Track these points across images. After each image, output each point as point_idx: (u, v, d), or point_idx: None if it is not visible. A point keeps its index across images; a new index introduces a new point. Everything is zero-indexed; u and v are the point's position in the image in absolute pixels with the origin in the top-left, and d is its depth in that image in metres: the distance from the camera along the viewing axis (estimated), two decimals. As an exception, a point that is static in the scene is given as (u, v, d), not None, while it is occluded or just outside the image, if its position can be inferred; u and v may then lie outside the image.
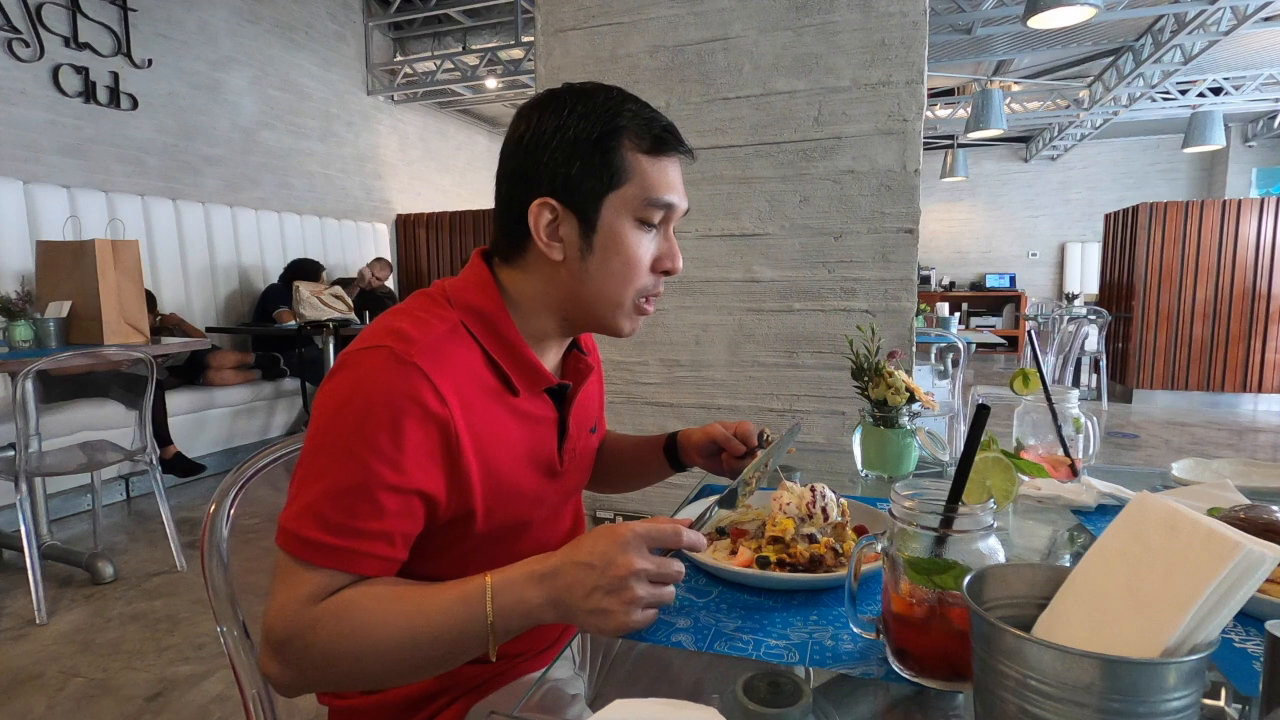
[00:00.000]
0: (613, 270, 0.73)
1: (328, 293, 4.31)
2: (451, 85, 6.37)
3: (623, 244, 0.73)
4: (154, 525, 2.99)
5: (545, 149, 0.71)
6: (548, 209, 0.72)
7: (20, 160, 3.68)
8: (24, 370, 2.23)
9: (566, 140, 0.71)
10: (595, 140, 0.71)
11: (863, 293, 1.97)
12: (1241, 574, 0.40)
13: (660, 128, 0.73)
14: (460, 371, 0.69)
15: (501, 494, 0.73)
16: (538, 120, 0.72)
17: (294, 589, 0.63)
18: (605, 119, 0.71)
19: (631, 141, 0.71)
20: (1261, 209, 5.65)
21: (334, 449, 0.64)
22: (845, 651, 0.62)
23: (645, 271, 0.75)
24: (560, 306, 0.76)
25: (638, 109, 0.73)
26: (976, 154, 10.15)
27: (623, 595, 0.58)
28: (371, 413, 0.64)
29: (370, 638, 0.62)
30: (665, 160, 0.74)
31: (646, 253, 0.74)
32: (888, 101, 1.90)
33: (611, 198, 0.72)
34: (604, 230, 0.72)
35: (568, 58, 2.20)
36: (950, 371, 4.15)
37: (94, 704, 1.84)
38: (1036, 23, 3.55)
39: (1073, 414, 1.02)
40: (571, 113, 0.71)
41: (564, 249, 0.73)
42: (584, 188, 0.71)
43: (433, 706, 0.79)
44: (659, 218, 0.74)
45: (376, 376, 0.65)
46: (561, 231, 0.72)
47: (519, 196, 0.73)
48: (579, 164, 0.71)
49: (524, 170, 0.73)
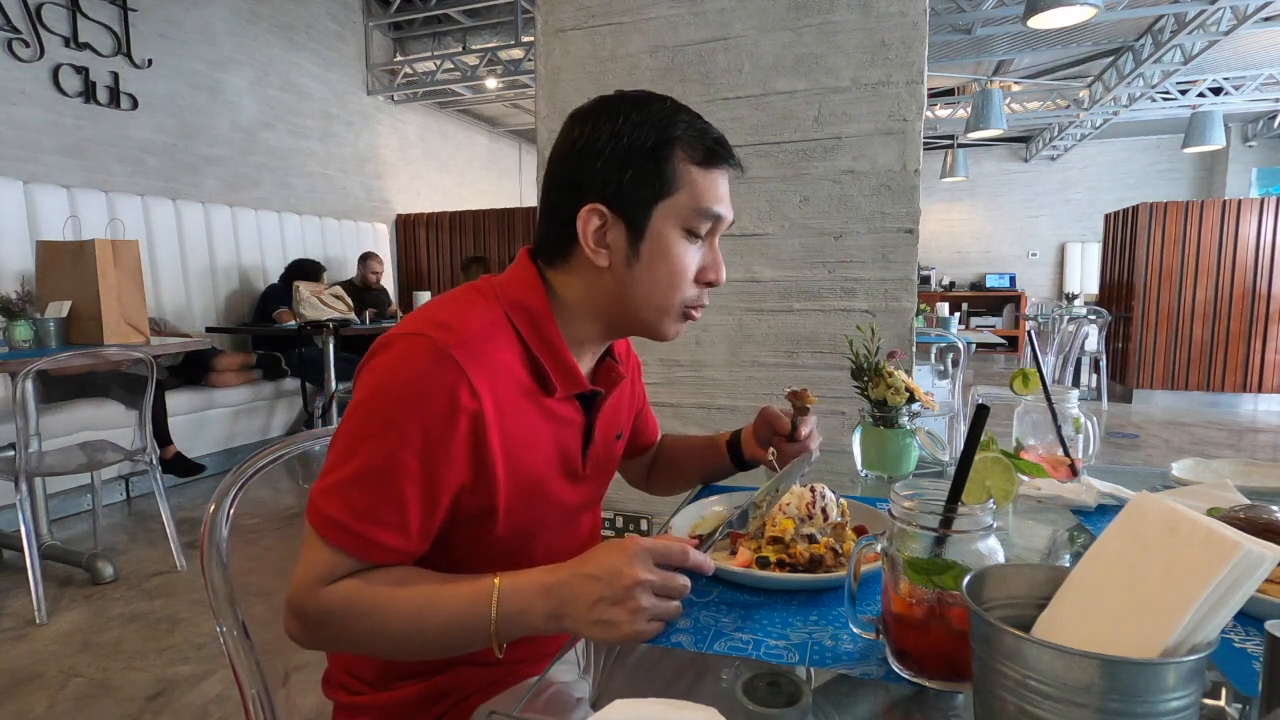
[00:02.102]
0: (658, 278, 0.74)
1: (328, 293, 4.30)
2: (451, 85, 6.37)
3: (669, 253, 0.73)
4: (154, 525, 2.99)
5: (599, 156, 0.72)
6: (597, 215, 0.72)
7: (20, 160, 3.68)
8: (24, 370, 2.23)
9: (620, 148, 0.71)
10: (649, 149, 0.71)
11: (863, 293, 1.97)
12: (1241, 574, 0.40)
13: (712, 139, 0.74)
14: (497, 367, 0.70)
15: (524, 493, 0.74)
16: (592, 127, 0.73)
17: (310, 564, 0.66)
18: (660, 128, 0.72)
19: (684, 152, 0.72)
20: (1261, 209, 5.64)
21: (366, 433, 0.66)
22: (845, 651, 0.62)
23: (690, 281, 0.75)
24: (604, 311, 0.77)
25: (690, 120, 0.74)
26: (976, 154, 10.15)
27: (627, 605, 0.59)
28: (404, 402, 0.65)
29: (379, 623, 0.64)
30: (715, 172, 0.74)
31: (692, 262, 0.75)
32: (888, 101, 1.90)
33: (661, 206, 0.72)
34: (652, 238, 0.73)
35: (568, 58, 2.20)
36: (950, 371, 4.15)
37: (94, 704, 1.84)
38: (1036, 23, 3.55)
39: (1072, 414, 1.02)
40: (626, 120, 0.72)
41: (610, 255, 0.73)
42: (635, 195, 0.72)
43: (439, 708, 0.80)
44: (706, 228, 0.75)
45: (414, 365, 0.66)
46: (609, 238, 0.73)
47: (568, 201, 0.73)
48: (631, 172, 0.71)
49: (575, 176, 0.73)
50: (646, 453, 1.07)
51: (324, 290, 4.26)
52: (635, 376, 0.98)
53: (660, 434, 1.10)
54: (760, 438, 0.97)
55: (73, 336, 2.74)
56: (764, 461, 0.96)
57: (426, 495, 0.66)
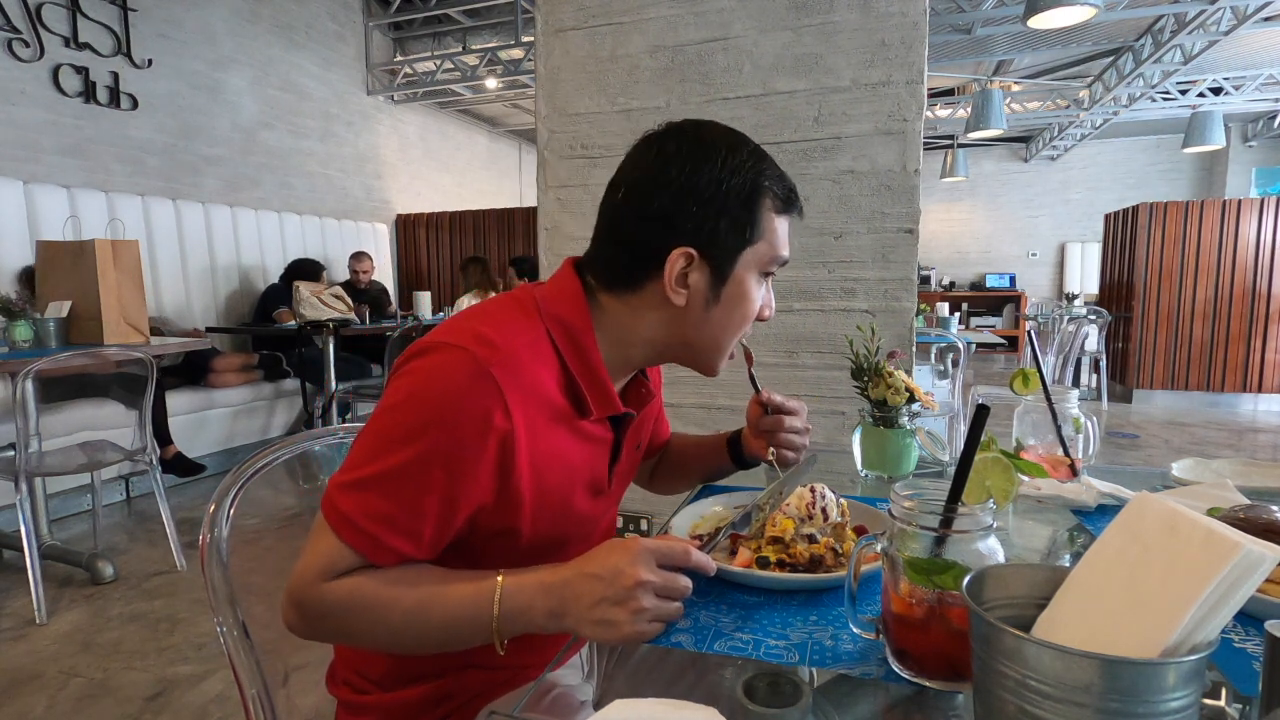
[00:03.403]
0: (732, 321, 0.76)
1: (328, 293, 4.30)
2: (451, 85, 6.38)
3: (746, 298, 0.75)
4: (154, 525, 2.99)
5: (696, 199, 0.71)
6: (685, 257, 0.72)
7: (20, 160, 3.68)
8: (24, 370, 2.23)
9: (719, 194, 0.71)
10: (744, 198, 0.72)
11: (863, 293, 1.97)
12: (1241, 574, 0.40)
13: (788, 189, 0.76)
14: (533, 388, 0.69)
15: (550, 512, 0.74)
16: (691, 167, 0.72)
17: (317, 556, 0.65)
18: (753, 177, 0.72)
19: (770, 200, 0.74)
20: (1261, 209, 5.64)
21: (394, 437, 0.65)
22: (845, 651, 0.62)
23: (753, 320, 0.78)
24: (662, 343, 0.77)
25: (772, 167, 0.75)
26: (976, 154, 10.15)
27: (629, 605, 0.59)
28: (437, 414, 0.65)
29: (379, 618, 0.64)
30: (787, 218, 0.77)
31: (760, 304, 0.78)
32: (888, 101, 1.90)
33: (746, 253, 0.74)
34: (734, 283, 0.74)
35: (568, 58, 2.20)
36: (950, 371, 4.15)
37: (94, 704, 1.84)
38: (1036, 23, 3.55)
39: (1072, 414, 1.02)
40: (724, 166, 0.72)
41: (689, 295, 0.73)
42: (726, 242, 0.73)
43: (442, 710, 0.80)
44: (774, 270, 0.77)
45: (452, 378, 0.65)
46: (690, 279, 0.73)
47: (656, 238, 0.72)
48: (727, 220, 0.72)
49: (670, 215, 0.72)
50: (657, 452, 1.08)
51: (324, 290, 4.26)
52: (658, 388, 0.98)
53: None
54: (752, 425, 0.97)
55: (73, 336, 2.73)
56: (764, 459, 0.96)
57: (445, 509, 0.66)
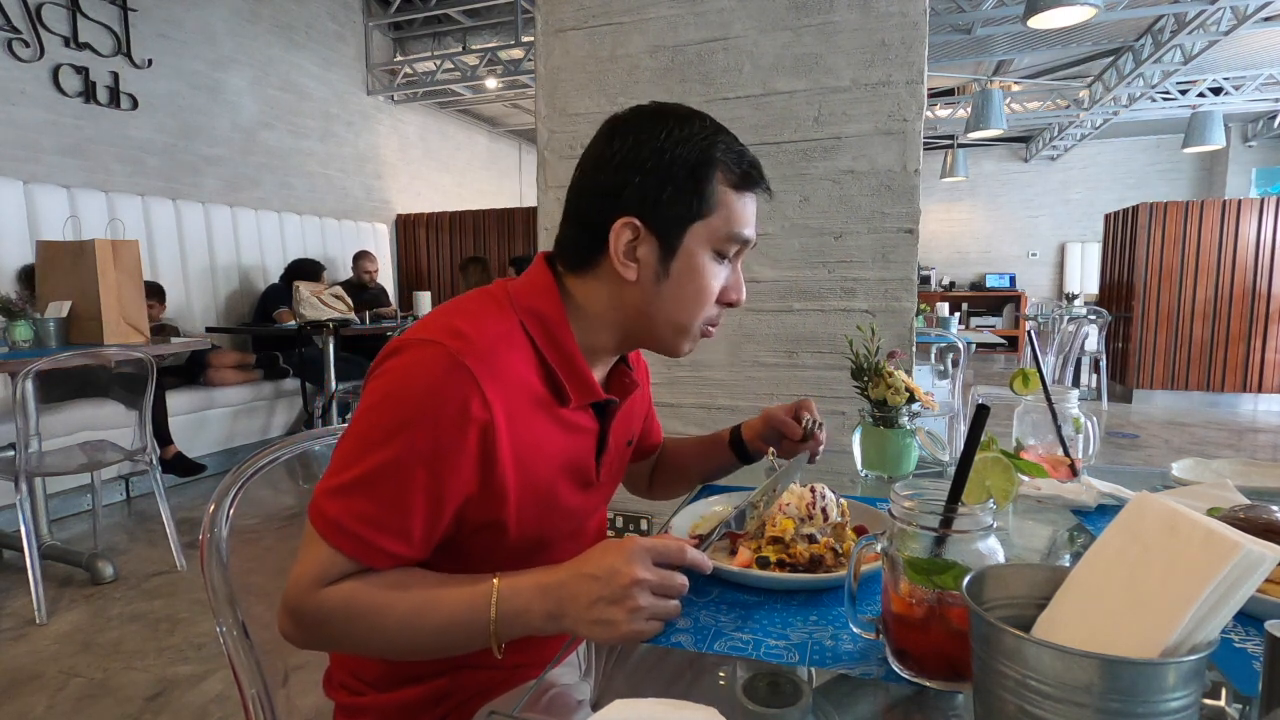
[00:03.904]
0: (684, 297, 0.74)
1: (328, 293, 4.30)
2: (451, 85, 6.38)
3: (698, 273, 0.74)
4: (154, 525, 2.99)
5: (639, 170, 0.71)
6: (630, 229, 0.72)
7: (20, 160, 3.68)
8: (24, 370, 2.23)
9: (662, 164, 0.71)
10: (690, 168, 0.71)
11: (863, 293, 1.97)
12: (1241, 574, 0.40)
13: (749, 163, 0.74)
14: (510, 377, 0.69)
15: (535, 504, 0.74)
16: (634, 139, 0.72)
17: (308, 564, 0.65)
18: (702, 148, 0.72)
19: (723, 174, 0.72)
20: (1261, 209, 5.64)
21: (374, 438, 0.65)
22: (845, 651, 0.62)
23: (713, 301, 0.76)
24: (623, 323, 0.77)
25: (729, 141, 0.74)
26: (976, 154, 10.15)
27: (625, 604, 0.59)
28: (415, 410, 0.64)
29: (376, 624, 0.64)
30: (748, 195, 0.75)
31: (717, 283, 0.75)
32: (888, 101, 1.90)
33: (696, 227, 0.72)
34: (683, 257, 0.73)
35: (568, 58, 2.20)
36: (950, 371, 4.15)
37: (94, 704, 1.84)
38: (1036, 23, 3.55)
39: (1072, 414, 1.02)
40: (669, 137, 0.71)
41: (639, 270, 0.73)
42: (671, 214, 0.72)
43: (440, 710, 0.80)
44: (734, 251, 0.76)
45: (427, 373, 0.65)
46: (639, 252, 0.73)
47: (602, 212, 0.73)
48: (670, 189, 0.71)
49: (612, 187, 0.72)
50: (651, 456, 1.08)
51: (324, 290, 4.26)
52: (645, 382, 0.98)
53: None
54: (766, 439, 0.97)
55: (73, 336, 2.74)
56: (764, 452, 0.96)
57: (432, 504, 0.66)
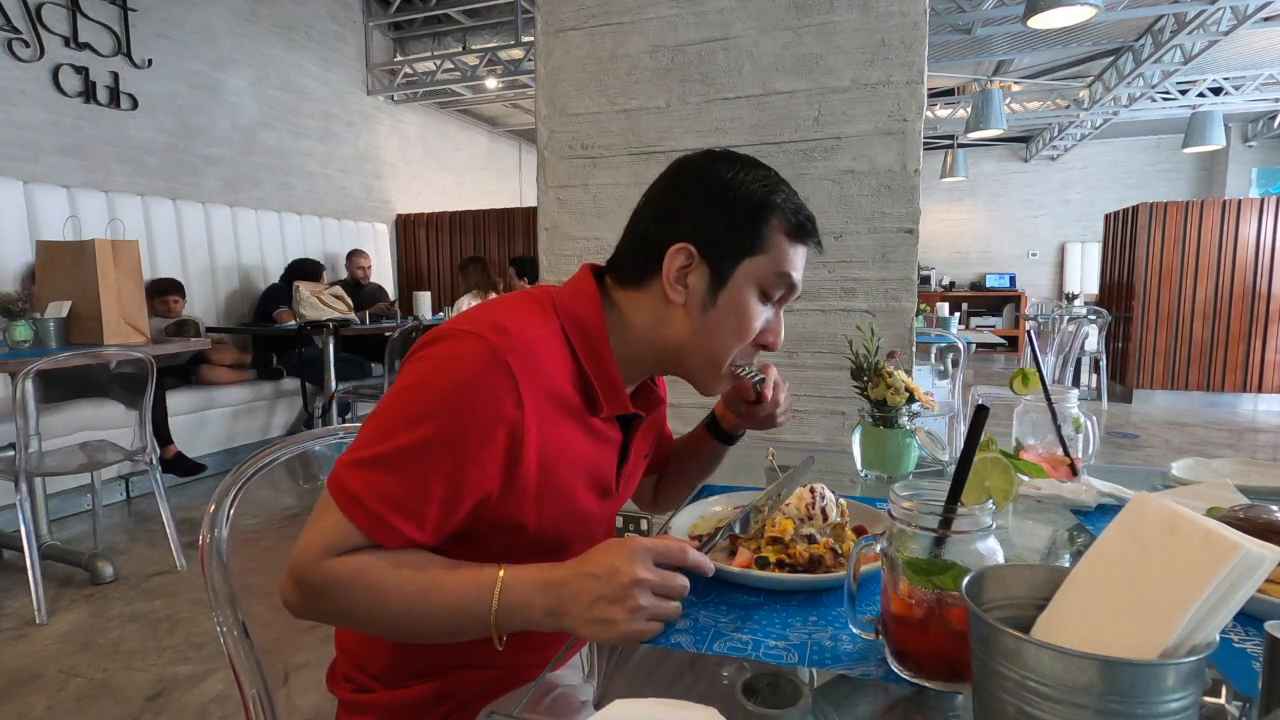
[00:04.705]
0: (725, 329, 0.76)
1: (328, 293, 4.30)
2: (451, 85, 6.37)
3: (742, 307, 0.76)
4: (154, 525, 2.99)
5: (703, 200, 0.75)
6: (684, 254, 0.74)
7: (20, 160, 3.68)
8: (24, 370, 2.23)
9: (725, 199, 0.74)
10: (751, 206, 0.74)
11: (863, 293, 1.97)
12: (1241, 574, 0.40)
13: (805, 216, 0.78)
14: (547, 379, 0.70)
15: (555, 506, 0.74)
16: (700, 173, 0.76)
17: (321, 532, 0.65)
18: (764, 191, 0.75)
19: (779, 219, 0.75)
20: (1261, 209, 5.64)
21: (406, 418, 0.65)
22: (845, 652, 0.62)
23: (750, 339, 0.78)
24: (660, 345, 0.78)
25: (789, 193, 0.78)
26: (976, 154, 10.15)
27: (626, 604, 0.59)
28: (450, 398, 0.65)
29: (379, 600, 0.64)
30: (799, 245, 0.78)
31: (758, 322, 0.77)
32: (888, 101, 1.90)
33: (747, 263, 0.75)
34: (730, 290, 0.75)
35: (568, 58, 2.20)
36: (950, 371, 4.15)
37: (94, 704, 1.84)
38: (1036, 23, 3.55)
39: (1072, 414, 1.02)
40: (735, 176, 0.75)
41: (686, 295, 0.75)
42: (726, 246, 0.74)
43: (443, 709, 0.80)
44: (780, 293, 0.78)
45: (466, 363, 0.66)
46: (690, 279, 0.75)
47: (661, 234, 0.76)
48: (728, 223, 0.74)
49: (675, 211, 0.76)
50: (659, 467, 1.08)
51: (324, 290, 4.26)
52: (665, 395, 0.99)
53: None
54: (732, 408, 0.97)
55: (73, 336, 2.74)
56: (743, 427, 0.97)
57: (450, 494, 0.66)
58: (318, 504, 0.67)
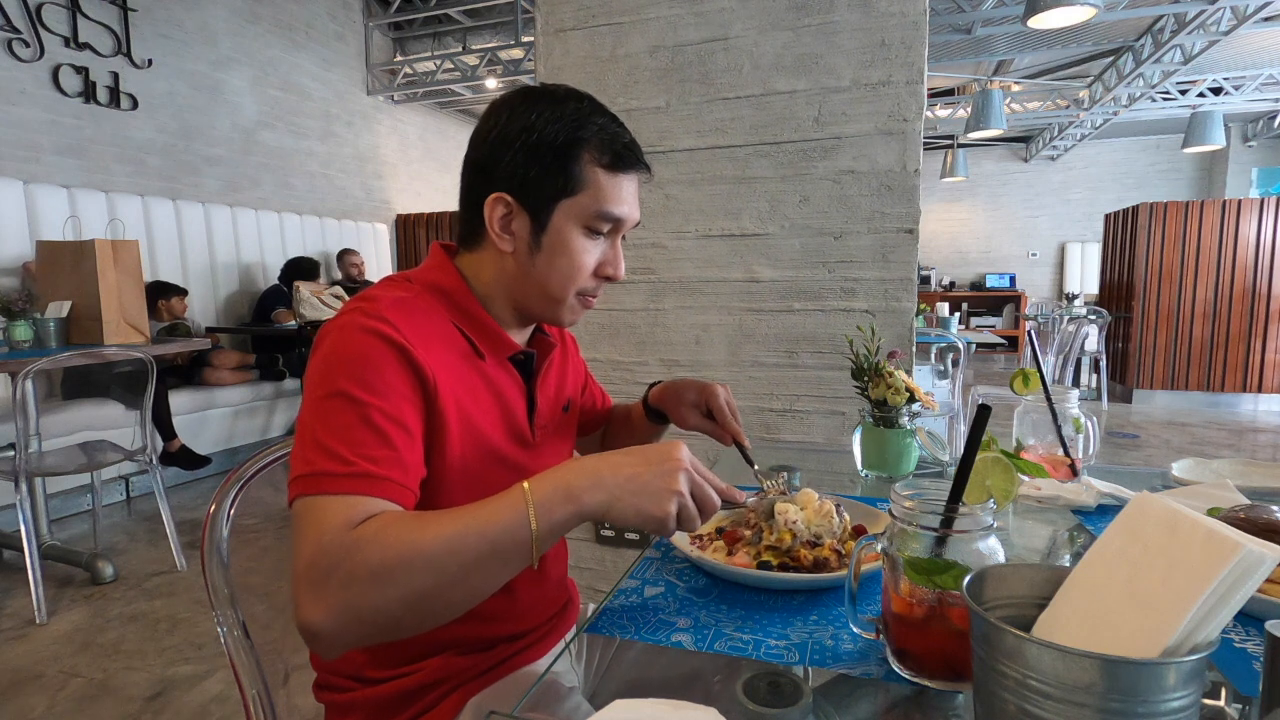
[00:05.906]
0: (556, 270, 0.77)
1: (328, 293, 4.31)
2: (451, 85, 6.37)
3: (569, 248, 0.77)
4: (154, 525, 2.99)
5: (509, 147, 0.75)
6: (502, 204, 0.76)
7: (20, 160, 3.68)
8: (24, 370, 2.23)
9: (530, 143, 0.74)
10: (558, 148, 0.74)
11: (863, 293, 1.97)
12: (1241, 574, 0.40)
13: (622, 145, 0.77)
14: (427, 327, 0.73)
15: (478, 452, 0.75)
16: (507, 118, 0.76)
17: (323, 523, 0.58)
18: (571, 129, 0.74)
19: (592, 155, 0.75)
20: (1261, 209, 5.64)
21: (325, 398, 0.65)
22: (845, 651, 0.62)
23: (587, 276, 0.79)
24: (509, 294, 0.81)
25: (604, 124, 0.77)
26: (976, 154, 10.15)
27: (666, 482, 0.59)
28: (353, 360, 0.67)
29: (417, 545, 0.56)
30: (622, 175, 0.77)
31: (591, 259, 0.78)
32: (888, 101, 1.90)
33: (564, 204, 0.75)
34: (553, 233, 0.76)
35: (568, 58, 2.20)
36: (950, 371, 4.15)
37: (94, 704, 1.84)
38: (1036, 23, 3.55)
39: (1073, 414, 1.02)
40: (540, 116, 0.75)
41: (514, 243, 0.77)
42: (539, 190, 0.75)
43: (430, 697, 0.79)
44: (607, 229, 0.78)
45: (350, 335, 0.68)
46: (513, 226, 0.77)
47: (479, 188, 0.78)
48: (538, 168, 0.74)
49: (486, 164, 0.77)
50: (604, 422, 1.10)
51: (324, 290, 4.26)
52: (571, 349, 1.01)
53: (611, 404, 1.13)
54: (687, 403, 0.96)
55: (73, 336, 2.74)
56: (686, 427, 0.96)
57: (403, 433, 0.66)
58: (296, 522, 0.61)
